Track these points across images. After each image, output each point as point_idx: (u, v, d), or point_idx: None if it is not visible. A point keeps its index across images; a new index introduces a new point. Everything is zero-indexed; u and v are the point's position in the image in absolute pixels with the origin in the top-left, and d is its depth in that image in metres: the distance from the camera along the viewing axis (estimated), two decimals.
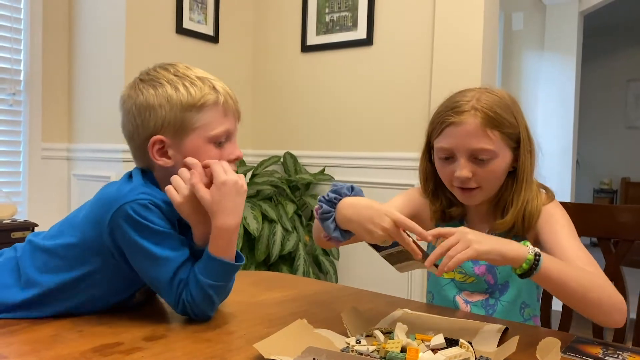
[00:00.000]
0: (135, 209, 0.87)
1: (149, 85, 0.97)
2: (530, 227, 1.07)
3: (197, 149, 0.93)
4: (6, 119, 2.42)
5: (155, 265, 0.89)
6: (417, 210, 1.21)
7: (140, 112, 0.94)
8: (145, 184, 0.93)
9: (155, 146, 0.93)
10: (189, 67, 0.98)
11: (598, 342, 0.86)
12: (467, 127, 1.01)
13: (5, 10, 2.39)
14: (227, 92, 0.97)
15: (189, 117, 0.93)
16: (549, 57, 4.38)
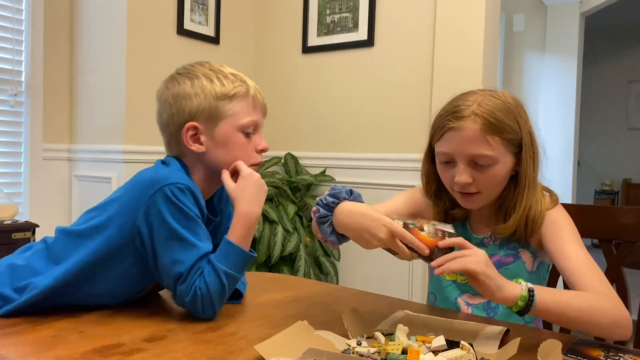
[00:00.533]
0: (173, 191, 0.92)
1: (186, 77, 1.04)
2: (534, 232, 1.06)
3: (227, 136, 1.01)
4: (7, 120, 2.42)
5: (181, 249, 0.92)
6: (418, 210, 1.21)
7: (177, 101, 1.02)
8: (181, 170, 0.99)
9: (189, 132, 1.00)
10: (222, 65, 1.07)
11: (599, 345, 0.86)
12: (466, 133, 1.00)
13: (7, 11, 2.39)
14: (256, 88, 1.06)
15: (222, 105, 1.00)
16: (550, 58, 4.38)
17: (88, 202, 2.52)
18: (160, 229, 0.92)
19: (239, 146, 1.02)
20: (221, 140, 1.01)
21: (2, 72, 2.38)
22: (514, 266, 1.09)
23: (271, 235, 2.33)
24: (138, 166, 2.41)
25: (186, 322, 0.93)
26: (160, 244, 0.92)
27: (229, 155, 1.02)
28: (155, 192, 0.92)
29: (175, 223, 0.92)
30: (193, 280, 0.92)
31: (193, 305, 0.93)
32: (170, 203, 0.91)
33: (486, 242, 1.13)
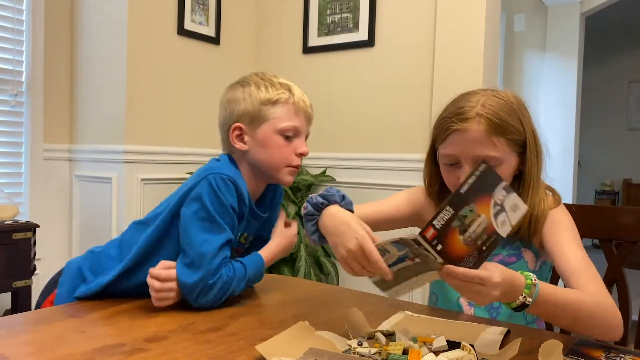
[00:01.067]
0: (216, 179, 1.04)
1: (240, 84, 1.17)
2: (536, 231, 1.06)
3: (266, 138, 1.12)
4: (8, 120, 2.43)
5: (211, 230, 1.03)
6: (419, 210, 1.20)
7: (229, 105, 1.15)
8: (230, 165, 1.13)
9: (234, 132, 1.13)
10: (275, 76, 1.18)
11: (600, 345, 0.86)
12: (471, 135, 1.00)
13: (7, 11, 2.39)
14: (302, 97, 1.16)
15: (265, 109, 1.12)
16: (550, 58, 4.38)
17: (89, 202, 2.53)
18: (197, 209, 1.03)
19: (277, 147, 1.12)
20: (261, 140, 1.12)
21: (3, 72, 2.38)
22: (517, 266, 1.09)
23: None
24: (138, 166, 2.41)
25: (187, 323, 0.93)
26: (194, 222, 1.03)
27: (268, 155, 1.12)
28: (202, 179, 1.05)
29: (210, 206, 1.02)
30: (220, 265, 1.02)
31: (209, 288, 1.00)
32: (210, 188, 1.03)
33: None
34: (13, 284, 2.13)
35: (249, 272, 1.08)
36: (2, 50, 2.39)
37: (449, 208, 0.73)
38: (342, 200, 1.01)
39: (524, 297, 0.83)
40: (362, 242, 0.85)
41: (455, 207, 0.73)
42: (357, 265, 0.87)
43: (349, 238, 0.88)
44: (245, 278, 1.07)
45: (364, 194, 2.55)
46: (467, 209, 0.74)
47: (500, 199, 0.75)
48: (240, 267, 1.07)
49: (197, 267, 1.00)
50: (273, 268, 2.36)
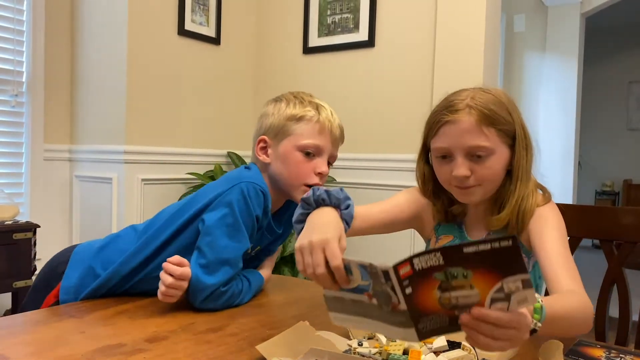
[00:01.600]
0: (249, 188, 1.06)
1: (275, 100, 1.21)
2: (524, 226, 1.06)
3: (287, 153, 1.14)
4: (8, 120, 2.43)
5: (235, 237, 1.05)
6: (420, 211, 1.20)
7: (261, 118, 1.20)
8: (259, 175, 1.14)
9: (259, 144, 1.17)
10: (311, 95, 1.21)
11: (601, 345, 0.86)
12: (462, 125, 1.01)
13: (8, 11, 2.39)
14: (329, 118, 1.17)
15: (289, 125, 1.15)
16: (550, 58, 4.38)
17: (89, 203, 2.53)
18: (225, 214, 1.05)
19: (296, 164, 1.13)
20: (282, 155, 1.14)
21: (3, 73, 2.38)
22: None
23: None
24: (139, 167, 2.41)
25: (188, 323, 0.93)
26: (220, 226, 1.04)
27: (286, 170, 1.14)
28: (234, 185, 1.06)
29: (239, 213, 1.05)
30: (234, 275, 1.05)
31: (220, 294, 1.02)
32: (242, 196, 1.05)
33: None
34: (13, 284, 2.14)
35: (253, 290, 1.12)
36: (3, 51, 2.39)
37: (440, 256, 0.58)
38: (345, 209, 0.94)
39: (535, 324, 0.75)
40: (328, 241, 0.77)
41: (448, 261, 0.58)
42: (310, 259, 0.77)
43: (318, 233, 0.80)
44: (248, 294, 1.11)
45: (365, 194, 2.55)
46: (460, 271, 0.59)
47: (511, 288, 0.59)
48: (248, 284, 1.11)
49: (213, 271, 1.02)
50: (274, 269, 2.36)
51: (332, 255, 0.76)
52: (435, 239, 1.19)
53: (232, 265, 1.04)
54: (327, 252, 0.76)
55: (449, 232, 1.18)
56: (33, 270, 2.22)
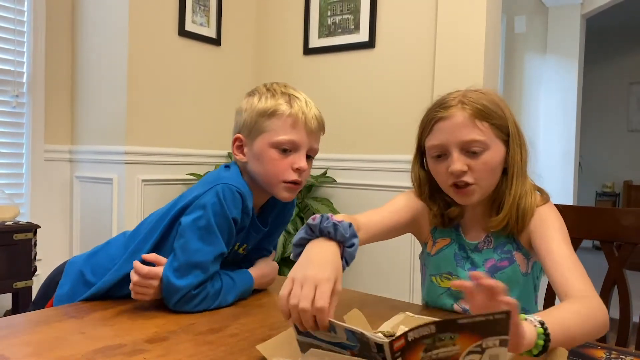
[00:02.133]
0: (224, 190, 1.03)
1: (249, 94, 1.15)
2: (524, 226, 1.05)
3: (261, 151, 1.09)
4: (9, 121, 2.43)
5: (208, 240, 1.02)
6: (416, 215, 1.19)
7: (237, 115, 1.15)
8: (239, 175, 1.11)
9: (235, 142, 1.13)
10: (285, 86, 1.14)
11: (601, 346, 0.86)
12: (456, 120, 1.02)
13: (9, 12, 2.39)
14: (302, 109, 1.11)
15: (261, 121, 1.09)
16: (551, 60, 4.38)
17: (89, 203, 2.53)
18: (198, 217, 1.02)
19: (271, 161, 1.08)
20: (257, 153, 1.09)
21: (4, 73, 2.39)
22: (510, 270, 1.08)
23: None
24: (139, 167, 2.41)
25: (188, 324, 0.93)
26: (193, 229, 1.02)
27: (262, 168, 1.09)
28: (210, 188, 1.04)
29: (212, 216, 1.02)
30: (206, 279, 1.02)
31: (191, 297, 1.00)
32: (217, 198, 1.02)
33: (480, 247, 1.12)
34: (14, 284, 2.13)
35: (238, 289, 1.09)
36: (3, 51, 2.39)
37: (433, 328, 0.61)
38: (349, 247, 0.86)
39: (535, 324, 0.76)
40: (322, 281, 0.75)
41: (441, 330, 0.61)
42: (299, 290, 0.74)
43: (315, 269, 0.77)
44: (230, 294, 1.07)
45: (365, 195, 2.56)
46: (449, 335, 0.62)
47: (489, 344, 0.62)
48: (231, 283, 1.08)
49: (184, 274, 1.00)
50: None
51: (322, 295, 0.73)
52: (432, 242, 1.18)
53: (203, 268, 1.02)
54: (317, 291, 0.74)
55: (446, 235, 1.17)
56: (33, 271, 2.22)
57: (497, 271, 1.08)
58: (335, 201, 2.60)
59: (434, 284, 1.16)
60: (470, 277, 0.72)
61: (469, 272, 0.80)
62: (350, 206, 2.58)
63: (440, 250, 1.16)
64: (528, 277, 1.09)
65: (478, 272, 0.71)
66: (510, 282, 1.08)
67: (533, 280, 1.12)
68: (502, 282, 1.08)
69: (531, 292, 1.12)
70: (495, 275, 1.08)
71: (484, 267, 1.09)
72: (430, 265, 1.18)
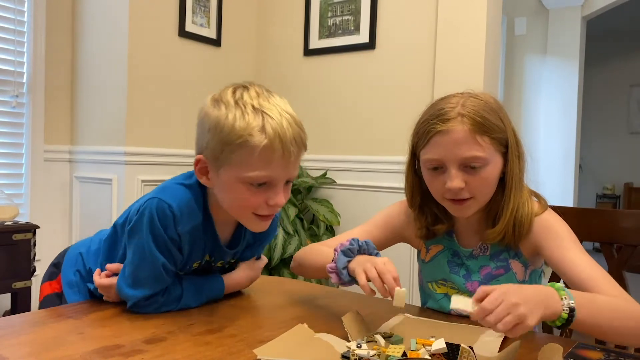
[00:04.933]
0: (152, 209, 0.94)
1: (213, 104, 0.95)
2: (521, 236, 1.03)
3: (229, 184, 0.92)
4: (9, 121, 2.43)
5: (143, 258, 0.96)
6: (399, 231, 1.18)
7: (198, 126, 0.97)
8: (192, 189, 0.98)
9: (199, 164, 0.95)
10: (258, 95, 0.92)
11: (600, 348, 0.86)
12: (455, 135, 0.96)
13: (9, 12, 2.40)
14: (279, 134, 0.88)
15: (227, 151, 0.89)
16: (551, 62, 4.38)
17: (89, 204, 2.53)
18: (134, 232, 0.97)
19: (241, 196, 0.91)
20: (224, 184, 0.92)
21: (4, 74, 2.39)
22: (505, 278, 1.06)
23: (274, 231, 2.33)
24: (139, 168, 2.41)
25: (186, 324, 0.93)
26: (131, 244, 0.98)
27: (230, 201, 0.94)
28: (150, 198, 0.95)
29: (145, 234, 0.94)
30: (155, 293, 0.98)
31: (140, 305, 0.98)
32: (149, 216, 0.94)
33: (475, 253, 1.10)
34: (13, 285, 2.13)
35: (204, 296, 1.05)
36: (3, 52, 2.39)
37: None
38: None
39: (565, 299, 0.80)
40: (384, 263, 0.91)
41: None
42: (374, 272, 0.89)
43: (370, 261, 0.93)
44: (194, 299, 1.03)
45: (364, 197, 2.55)
46: None
47: None
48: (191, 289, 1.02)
49: (132, 284, 0.97)
50: (273, 270, 2.36)
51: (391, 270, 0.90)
52: (426, 250, 1.17)
53: (148, 282, 0.96)
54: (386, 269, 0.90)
55: (438, 242, 1.15)
56: (32, 271, 2.22)
57: (492, 279, 1.07)
58: (335, 202, 2.60)
59: (431, 290, 1.15)
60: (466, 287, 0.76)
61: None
62: (350, 207, 2.58)
63: (434, 257, 1.15)
64: (525, 285, 1.09)
65: None
66: None
67: None
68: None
69: None
70: (490, 283, 1.07)
71: (479, 274, 1.08)
72: (425, 272, 1.17)
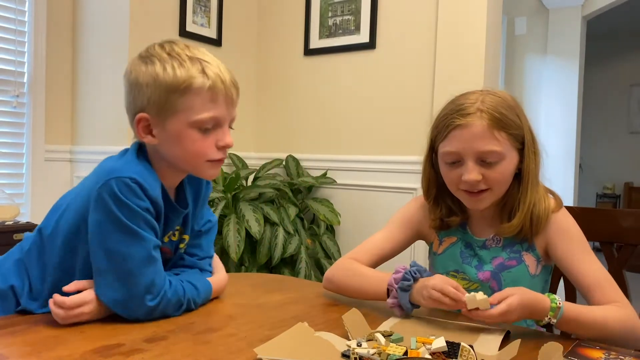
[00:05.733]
0: (118, 185, 0.88)
1: (143, 62, 0.97)
2: (538, 231, 1.07)
3: (179, 132, 0.92)
4: (9, 121, 2.43)
5: (129, 243, 0.89)
6: (417, 228, 1.21)
7: (132, 89, 0.95)
8: (137, 160, 0.94)
9: (140, 123, 0.94)
10: (187, 47, 0.97)
11: (600, 347, 0.86)
12: (474, 129, 1.00)
13: (10, 12, 2.40)
14: (220, 76, 0.94)
15: (173, 99, 0.91)
16: (551, 61, 4.38)
17: None
18: (106, 221, 0.88)
19: (192, 142, 0.93)
20: (173, 135, 0.93)
21: (5, 73, 2.39)
22: (517, 270, 1.09)
23: (272, 237, 2.33)
24: None
25: (186, 323, 0.93)
26: (107, 236, 0.89)
27: (182, 150, 0.94)
28: (102, 184, 0.88)
29: (121, 215, 0.88)
30: (153, 279, 0.91)
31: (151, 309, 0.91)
32: (114, 196, 0.87)
33: (488, 244, 1.13)
34: None
35: (201, 296, 1.02)
36: (4, 51, 2.39)
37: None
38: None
39: (549, 318, 0.90)
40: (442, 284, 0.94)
41: None
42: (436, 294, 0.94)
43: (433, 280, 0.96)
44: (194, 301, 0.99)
45: (365, 196, 2.55)
46: None
47: None
48: (193, 292, 0.99)
49: (125, 286, 0.89)
50: (273, 269, 2.36)
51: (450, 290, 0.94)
52: (439, 242, 1.19)
53: (144, 268, 0.90)
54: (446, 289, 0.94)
55: (452, 234, 1.18)
56: None
57: (504, 270, 1.09)
58: (335, 202, 2.60)
59: None
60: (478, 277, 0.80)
61: None
62: (350, 207, 2.58)
63: (447, 248, 1.17)
64: (536, 278, 1.10)
65: None
66: (515, 282, 1.08)
67: (542, 283, 1.13)
68: (506, 282, 1.09)
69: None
70: (501, 274, 1.09)
71: (491, 264, 1.11)
72: (438, 264, 1.19)
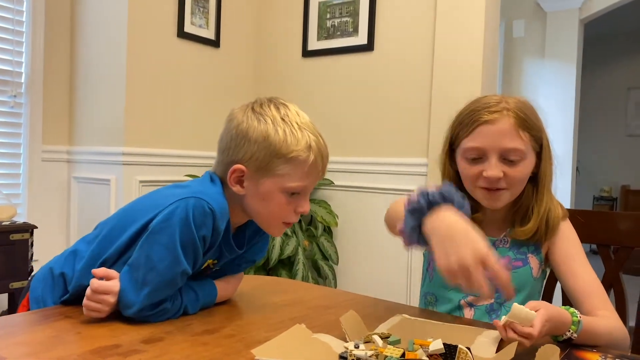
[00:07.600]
0: (196, 207, 0.92)
1: (256, 117, 0.99)
2: (550, 236, 1.09)
3: (269, 193, 0.99)
4: (7, 121, 2.43)
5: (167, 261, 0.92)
6: None
7: (238, 137, 0.99)
8: (222, 193, 1.00)
9: (235, 173, 0.99)
10: (298, 114, 1.01)
11: (597, 349, 0.86)
12: (501, 126, 1.02)
13: (8, 12, 2.39)
14: (322, 153, 1.00)
15: (276, 163, 0.97)
16: (549, 64, 4.39)
17: (87, 204, 2.53)
18: (163, 232, 0.92)
19: (278, 205, 1.00)
20: (263, 193, 0.99)
21: (2, 74, 2.39)
22: (523, 270, 1.10)
23: (269, 239, 2.33)
24: (137, 168, 2.41)
25: (184, 324, 0.93)
26: (155, 244, 0.92)
27: (266, 209, 1.01)
28: (184, 198, 0.93)
29: (178, 235, 0.92)
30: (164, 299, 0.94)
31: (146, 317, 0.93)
32: (185, 215, 0.92)
33: (497, 244, 1.13)
34: (10, 285, 2.13)
35: (201, 302, 1.03)
36: (2, 51, 2.39)
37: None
38: (461, 208, 0.89)
39: (571, 333, 0.87)
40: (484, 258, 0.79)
41: None
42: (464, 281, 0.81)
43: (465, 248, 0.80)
44: (194, 307, 1.01)
45: (363, 198, 2.56)
46: None
47: None
48: (192, 298, 1.01)
49: (141, 288, 0.92)
50: (271, 271, 2.36)
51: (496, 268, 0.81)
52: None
53: (162, 290, 0.93)
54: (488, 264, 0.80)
55: None
56: (30, 271, 2.21)
57: (510, 270, 1.09)
58: (333, 203, 2.60)
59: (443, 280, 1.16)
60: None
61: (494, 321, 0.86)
62: (348, 208, 2.58)
63: None
64: (537, 281, 1.11)
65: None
66: (520, 284, 1.09)
67: (539, 286, 1.13)
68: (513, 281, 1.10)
69: (536, 296, 1.14)
70: None
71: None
72: None
